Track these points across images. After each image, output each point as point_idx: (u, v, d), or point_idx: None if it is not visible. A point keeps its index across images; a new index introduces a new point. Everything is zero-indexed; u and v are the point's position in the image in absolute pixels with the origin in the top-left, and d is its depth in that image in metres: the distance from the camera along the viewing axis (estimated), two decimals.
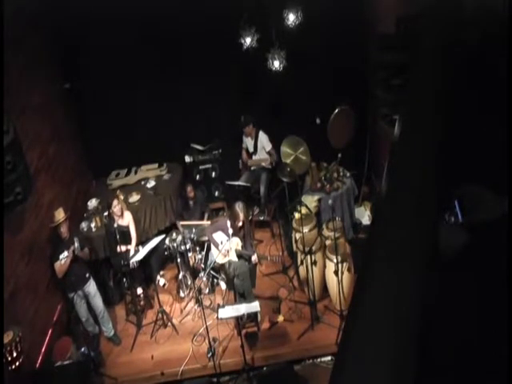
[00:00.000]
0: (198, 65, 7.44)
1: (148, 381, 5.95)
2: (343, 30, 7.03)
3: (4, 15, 5.15)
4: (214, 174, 8.19)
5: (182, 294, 6.98)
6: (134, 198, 7.51)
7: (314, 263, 6.02)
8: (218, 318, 5.61)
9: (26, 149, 5.72)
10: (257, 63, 6.48)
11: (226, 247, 5.99)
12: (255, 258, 5.96)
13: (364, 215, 7.50)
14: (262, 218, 7.91)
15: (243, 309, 5.45)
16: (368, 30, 7.23)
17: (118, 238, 6.36)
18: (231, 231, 6.00)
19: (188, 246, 6.78)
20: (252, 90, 7.51)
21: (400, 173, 1.42)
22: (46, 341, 5.74)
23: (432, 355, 1.10)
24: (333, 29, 7.02)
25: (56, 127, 7.13)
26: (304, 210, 6.47)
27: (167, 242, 6.83)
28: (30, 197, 5.39)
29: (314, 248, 5.93)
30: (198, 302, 6.28)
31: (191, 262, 6.89)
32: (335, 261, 5.89)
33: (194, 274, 6.93)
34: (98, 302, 6.24)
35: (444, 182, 1.35)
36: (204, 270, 6.79)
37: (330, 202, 6.30)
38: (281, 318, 6.36)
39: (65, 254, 5.78)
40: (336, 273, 5.90)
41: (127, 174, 8.06)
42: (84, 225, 6.99)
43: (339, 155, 7.12)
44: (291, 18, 6.13)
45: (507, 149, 1.30)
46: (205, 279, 6.85)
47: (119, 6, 6.46)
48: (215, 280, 7.01)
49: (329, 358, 5.94)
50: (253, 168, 7.82)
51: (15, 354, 4.72)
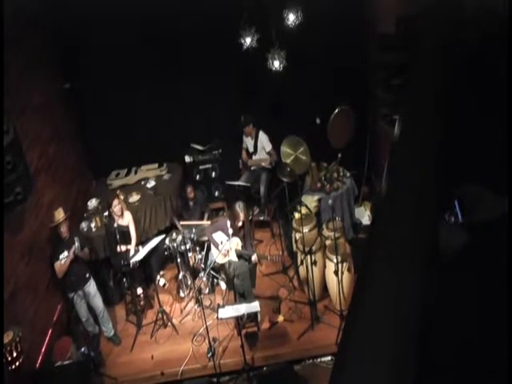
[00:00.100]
0: (197, 65, 7.44)
1: (148, 381, 5.95)
2: (343, 30, 7.03)
3: (4, 15, 5.15)
4: (214, 174, 8.19)
5: (182, 294, 6.98)
6: (134, 197, 7.51)
7: (314, 263, 6.02)
8: (218, 317, 5.61)
9: (26, 149, 5.72)
10: (257, 63, 6.48)
11: (226, 247, 5.99)
12: (255, 257, 5.96)
13: (364, 215, 7.50)
14: (262, 218, 7.91)
15: (243, 309, 5.45)
16: (368, 29, 7.23)
17: (117, 237, 6.37)
18: (231, 231, 6.00)
19: (188, 246, 6.78)
20: (252, 90, 7.51)
21: (400, 173, 1.42)
22: (46, 341, 5.74)
23: (432, 355, 1.10)
24: (333, 29, 7.02)
25: (56, 127, 7.13)
26: (304, 210, 6.47)
27: (167, 242, 6.83)
28: (30, 197, 5.39)
29: (314, 248, 5.93)
30: (198, 301, 6.28)
31: (191, 262, 6.89)
32: (335, 261, 5.89)
33: (194, 274, 6.93)
34: (98, 302, 6.24)
35: (444, 182, 1.35)
36: (204, 269, 6.79)
37: (330, 202, 6.30)
38: (281, 318, 6.36)
39: (65, 254, 5.78)
40: (336, 273, 5.90)
41: (127, 174, 8.06)
42: (84, 225, 6.99)
43: (339, 155, 7.12)
44: (291, 18, 6.13)
45: (507, 149, 1.30)
46: (205, 279, 6.85)
47: (119, 6, 6.46)
48: (215, 280, 7.01)
49: (329, 358, 5.94)
50: (253, 168, 7.82)
51: (15, 354, 4.72)
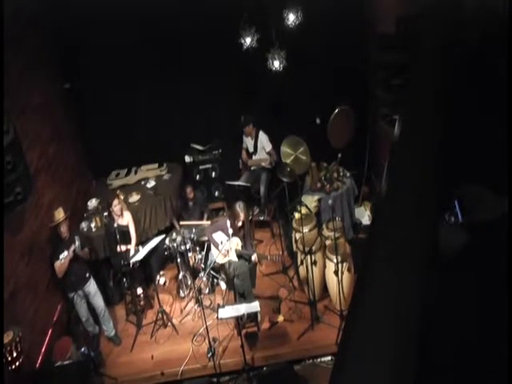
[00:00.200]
0: (197, 65, 7.44)
1: (148, 381, 5.95)
2: (343, 30, 7.03)
3: (4, 15, 5.15)
4: (214, 174, 8.19)
5: (182, 294, 6.98)
6: (134, 197, 7.51)
7: (314, 263, 6.02)
8: (218, 317, 5.61)
9: (26, 149, 5.72)
10: (257, 63, 6.48)
11: (226, 247, 5.99)
12: (255, 257, 5.96)
13: (364, 215, 7.50)
14: (262, 218, 7.91)
15: (243, 309, 5.45)
16: (368, 29, 7.23)
17: (117, 237, 6.37)
18: (231, 231, 6.00)
19: (188, 246, 6.78)
20: (252, 90, 7.51)
21: (400, 173, 1.42)
22: (46, 341, 5.74)
23: (432, 355, 1.10)
24: (333, 29, 7.02)
25: (56, 127, 7.13)
26: (304, 210, 6.47)
27: (167, 242, 6.84)
28: (30, 197, 5.39)
29: (314, 248, 5.93)
30: (198, 301, 6.28)
31: (191, 262, 6.89)
32: (335, 261, 5.89)
33: (194, 273, 6.93)
34: (99, 301, 6.24)
35: (444, 182, 1.35)
36: (204, 269, 6.79)
37: (330, 201, 6.30)
38: (281, 318, 6.36)
39: (65, 254, 5.78)
40: (336, 273, 5.90)
41: (127, 174, 8.06)
42: (84, 225, 7.00)
43: (339, 155, 7.12)
44: (291, 18, 6.13)
45: (507, 149, 1.30)
46: (205, 279, 6.85)
47: (119, 6, 6.46)
48: (215, 280, 7.01)
49: (329, 358, 5.94)
50: (253, 168, 7.82)
51: (15, 354, 4.72)
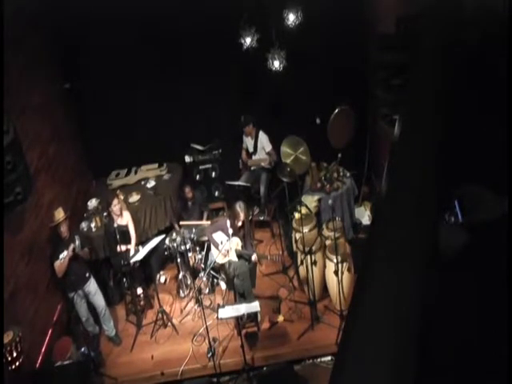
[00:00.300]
0: (197, 65, 7.44)
1: (148, 381, 5.95)
2: (343, 30, 7.03)
3: (4, 15, 5.15)
4: (214, 174, 8.19)
5: (182, 294, 6.99)
6: (134, 197, 7.51)
7: (314, 263, 6.02)
8: (218, 317, 5.61)
9: (26, 149, 5.72)
10: (257, 63, 6.48)
11: (226, 247, 5.99)
12: (255, 257, 5.96)
13: (364, 215, 7.49)
14: (262, 218, 7.91)
15: (243, 309, 5.45)
16: (368, 29, 7.23)
17: (117, 237, 6.37)
18: (231, 231, 6.01)
19: (188, 246, 6.78)
20: (252, 90, 7.51)
21: (400, 173, 1.42)
22: (46, 341, 5.74)
23: (432, 355, 1.10)
24: (333, 29, 7.02)
25: (56, 127, 7.13)
26: (304, 210, 6.47)
27: (167, 242, 6.84)
28: (30, 197, 5.39)
29: (314, 248, 5.93)
30: (198, 301, 6.28)
31: (191, 262, 6.89)
32: (335, 261, 5.89)
33: (194, 273, 6.93)
34: (100, 301, 6.24)
35: (444, 182, 1.35)
36: (204, 269, 6.79)
37: (330, 201, 6.30)
38: (281, 318, 6.36)
39: (65, 254, 5.78)
40: (336, 273, 5.90)
41: (127, 174, 8.06)
42: (84, 225, 7.00)
43: (339, 155, 7.12)
44: (291, 18, 6.13)
45: (507, 149, 1.30)
46: (205, 279, 6.85)
47: (119, 6, 6.46)
48: (215, 280, 7.01)
49: (329, 358, 5.94)
50: (253, 168, 7.82)
51: (15, 354, 4.72)
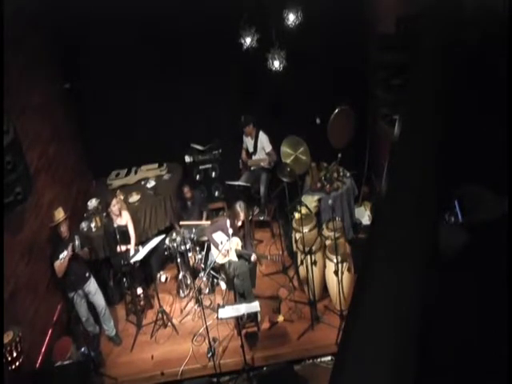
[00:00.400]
0: (197, 65, 7.44)
1: (148, 381, 5.95)
2: (343, 30, 7.03)
3: (4, 15, 5.15)
4: (214, 174, 8.19)
5: (182, 294, 6.99)
6: (134, 197, 7.51)
7: (314, 263, 6.02)
8: (218, 317, 5.61)
9: (26, 149, 5.72)
10: (257, 63, 6.48)
11: (225, 247, 5.99)
12: (254, 256, 5.96)
13: (364, 215, 7.49)
14: (262, 218, 7.91)
15: (243, 309, 5.45)
16: (368, 29, 7.23)
17: (117, 237, 6.37)
18: (231, 231, 6.01)
19: (188, 246, 6.78)
20: (252, 90, 7.51)
21: (400, 173, 1.42)
22: (46, 341, 5.74)
23: (432, 355, 1.10)
24: (333, 29, 7.02)
25: (56, 127, 7.13)
26: (304, 210, 6.47)
27: (167, 242, 6.84)
28: (30, 197, 5.39)
29: (314, 248, 5.93)
30: (198, 301, 6.28)
31: (191, 262, 6.89)
32: (335, 261, 5.89)
33: (194, 273, 6.93)
34: (100, 300, 6.24)
35: (444, 182, 1.35)
36: (204, 269, 6.79)
37: (330, 201, 6.30)
38: (281, 318, 6.36)
39: (65, 254, 5.78)
40: (336, 273, 5.90)
41: (127, 174, 8.06)
42: (84, 225, 7.00)
43: (339, 155, 7.12)
44: (291, 18, 6.12)
45: (507, 149, 1.30)
46: (205, 279, 6.85)
47: (119, 5, 6.46)
48: (215, 280, 7.01)
49: (329, 358, 5.94)
50: (253, 168, 7.82)
51: (15, 354, 4.72)
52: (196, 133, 8.09)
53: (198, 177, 8.19)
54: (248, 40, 6.19)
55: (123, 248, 6.51)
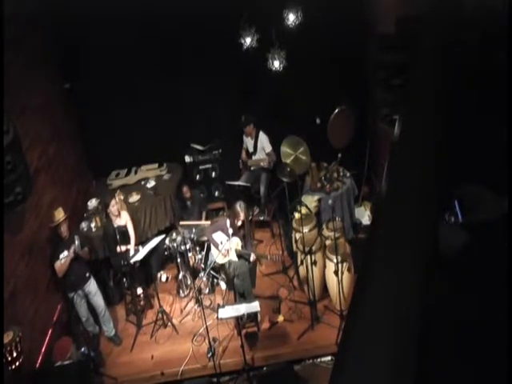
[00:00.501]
0: (197, 65, 7.43)
1: (148, 381, 5.95)
2: (343, 30, 7.03)
3: (4, 15, 5.15)
4: (214, 174, 8.19)
5: (182, 294, 6.99)
6: (134, 197, 7.51)
7: (314, 263, 6.02)
8: (218, 317, 5.61)
9: (25, 149, 5.72)
10: (257, 63, 6.48)
11: (225, 247, 5.99)
12: (253, 256, 5.96)
13: (364, 215, 7.49)
14: (262, 218, 7.91)
15: (243, 309, 5.45)
16: (368, 29, 7.23)
17: (117, 237, 6.37)
18: (231, 231, 6.01)
19: (188, 246, 6.78)
20: (252, 90, 7.51)
21: (400, 173, 1.42)
22: (46, 341, 5.74)
23: (432, 355, 1.10)
24: (333, 29, 7.02)
25: (56, 127, 7.13)
26: (304, 210, 6.47)
27: (167, 242, 6.83)
28: (29, 197, 5.39)
29: (314, 248, 5.93)
30: (198, 301, 6.28)
31: (191, 262, 6.89)
32: (335, 261, 5.89)
33: (194, 274, 6.93)
34: (99, 301, 6.24)
35: (444, 182, 1.35)
36: (204, 269, 6.79)
37: (330, 201, 6.30)
38: (281, 318, 6.36)
39: (65, 254, 5.78)
40: (336, 273, 5.90)
41: (127, 174, 8.06)
42: (84, 225, 7.00)
43: (339, 155, 7.12)
44: (291, 18, 6.13)
45: (507, 149, 1.30)
46: (205, 279, 6.85)
47: (119, 5, 6.45)
48: (215, 280, 7.01)
49: (329, 358, 5.94)
50: (253, 168, 7.82)
51: (15, 354, 4.72)
52: (196, 133, 8.09)
53: (197, 177, 8.19)
54: (248, 40, 6.19)
55: (123, 248, 6.51)
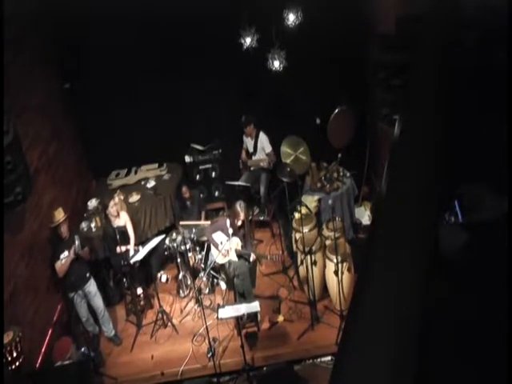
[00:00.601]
0: (197, 65, 7.43)
1: (148, 381, 5.95)
2: (343, 30, 7.03)
3: (4, 15, 5.15)
4: (214, 174, 8.19)
5: (182, 294, 6.99)
6: (134, 197, 7.51)
7: (314, 263, 6.02)
8: (218, 317, 5.61)
9: (25, 149, 5.72)
10: (257, 63, 6.48)
11: (225, 247, 5.99)
12: (253, 256, 5.96)
13: (364, 215, 7.50)
14: (262, 218, 7.91)
15: (243, 309, 5.45)
16: (368, 29, 7.23)
17: (118, 238, 6.37)
18: (231, 231, 6.01)
19: (188, 246, 6.78)
20: (252, 90, 7.51)
21: (400, 173, 1.42)
22: (46, 341, 5.74)
23: (432, 355, 1.10)
24: (333, 29, 7.02)
25: (56, 127, 7.13)
26: (304, 210, 6.47)
27: (167, 242, 6.83)
28: (29, 197, 5.39)
29: (314, 248, 5.93)
30: (198, 302, 6.29)
31: (191, 262, 6.89)
32: (335, 261, 5.89)
33: (194, 274, 6.93)
34: (99, 302, 6.24)
35: (444, 182, 1.35)
36: (204, 269, 6.79)
37: (330, 202, 6.30)
38: (281, 318, 6.36)
39: (65, 254, 5.78)
40: (336, 273, 5.90)
41: (127, 174, 8.06)
42: (84, 225, 6.99)
43: (339, 155, 7.12)
44: (291, 18, 6.12)
45: (507, 149, 1.30)
46: (205, 279, 6.85)
47: (119, 6, 6.45)
48: (215, 280, 7.01)
49: (329, 358, 5.94)
50: (253, 168, 7.82)
51: (15, 354, 4.72)
52: (196, 133, 8.09)
53: (197, 177, 8.19)
54: (248, 40, 6.19)
55: (123, 248, 6.51)
